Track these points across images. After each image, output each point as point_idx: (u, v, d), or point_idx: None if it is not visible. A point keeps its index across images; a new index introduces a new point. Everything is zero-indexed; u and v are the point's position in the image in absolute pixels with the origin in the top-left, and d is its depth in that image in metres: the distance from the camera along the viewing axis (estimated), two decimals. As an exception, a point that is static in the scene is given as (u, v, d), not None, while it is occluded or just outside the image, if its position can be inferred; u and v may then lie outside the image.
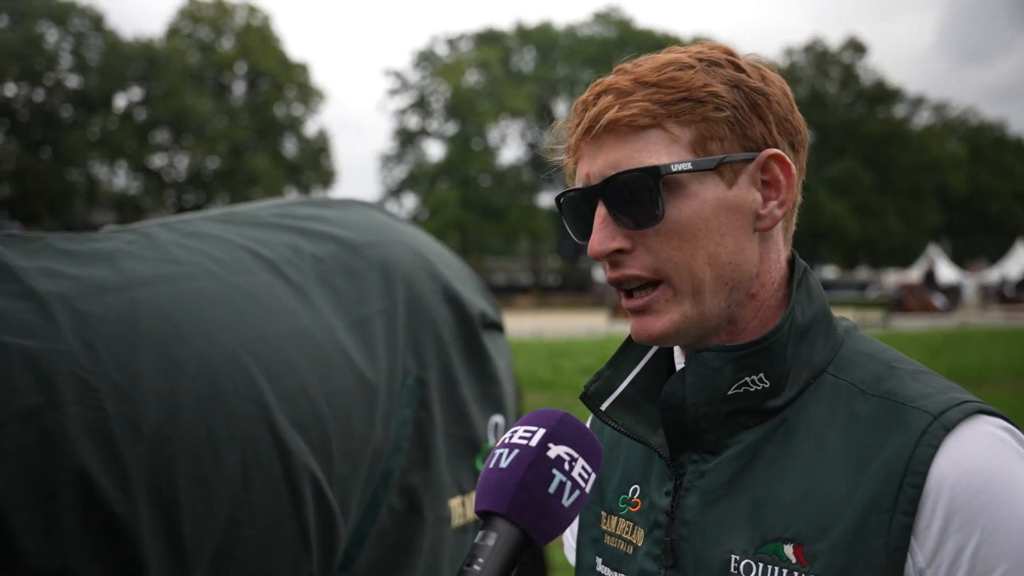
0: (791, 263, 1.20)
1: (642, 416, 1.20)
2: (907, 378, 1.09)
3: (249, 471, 1.85)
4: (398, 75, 58.44)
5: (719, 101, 1.09)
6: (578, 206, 1.16)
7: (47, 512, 1.58)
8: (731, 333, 1.15)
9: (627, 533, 1.22)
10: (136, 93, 50.46)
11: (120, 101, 50.49)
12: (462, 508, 2.34)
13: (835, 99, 64.25)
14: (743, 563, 1.07)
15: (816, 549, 1.02)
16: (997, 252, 60.03)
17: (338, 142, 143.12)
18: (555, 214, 61.55)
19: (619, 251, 1.12)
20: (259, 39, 52.11)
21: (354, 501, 2.08)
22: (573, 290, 61.26)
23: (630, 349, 1.25)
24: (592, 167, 1.12)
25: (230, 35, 52.61)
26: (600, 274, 65.98)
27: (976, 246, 65.96)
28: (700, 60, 1.12)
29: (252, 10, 53.49)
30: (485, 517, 0.96)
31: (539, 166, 60.08)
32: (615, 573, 1.23)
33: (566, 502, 0.96)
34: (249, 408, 1.88)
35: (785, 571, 1.04)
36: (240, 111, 52.05)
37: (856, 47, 64.56)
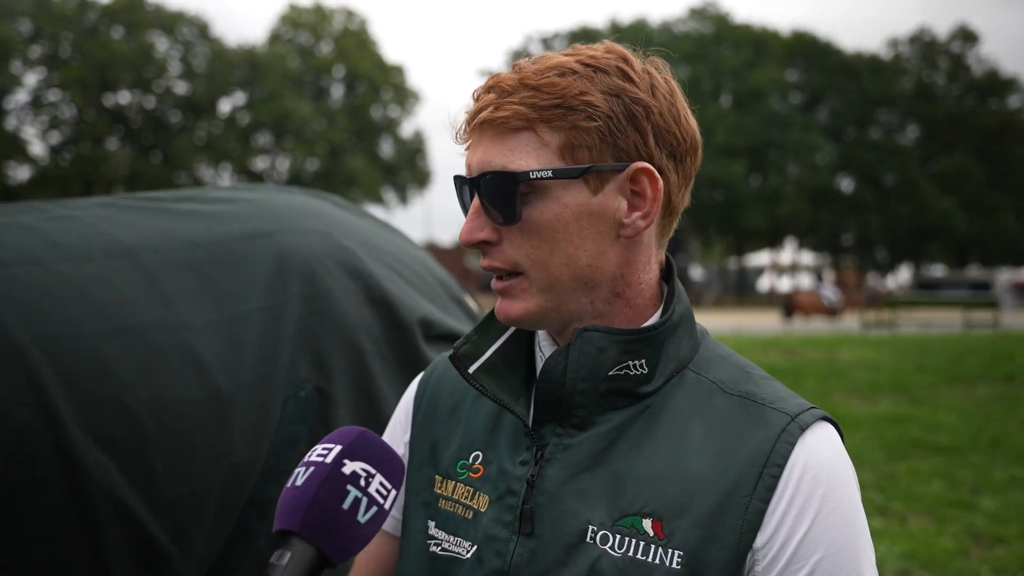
0: (665, 264, 1.26)
1: (504, 383, 1.23)
2: (762, 382, 1.19)
3: (17, 490, 1.58)
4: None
5: (592, 111, 1.12)
6: (461, 190, 1.21)
7: None
8: (598, 322, 1.19)
9: (466, 498, 1.24)
10: (240, 98, 52.11)
11: (224, 106, 52.23)
12: None
13: (943, 91, 61.96)
14: (600, 533, 1.11)
15: (674, 525, 1.09)
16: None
17: (434, 143, 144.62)
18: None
19: (486, 242, 1.17)
20: (356, 42, 53.16)
21: (201, 530, 1.78)
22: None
23: (495, 320, 1.28)
24: (472, 158, 1.17)
25: (328, 39, 53.83)
26: (696, 273, 65.19)
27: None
28: (587, 66, 1.14)
29: (350, 14, 54.62)
30: (281, 536, 0.94)
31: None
32: (452, 536, 1.23)
33: (362, 518, 0.96)
34: (26, 415, 1.59)
35: (643, 543, 1.10)
36: (338, 114, 53.22)
37: (966, 36, 62.14)
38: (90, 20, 49.11)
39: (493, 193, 1.14)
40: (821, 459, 1.10)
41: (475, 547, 1.19)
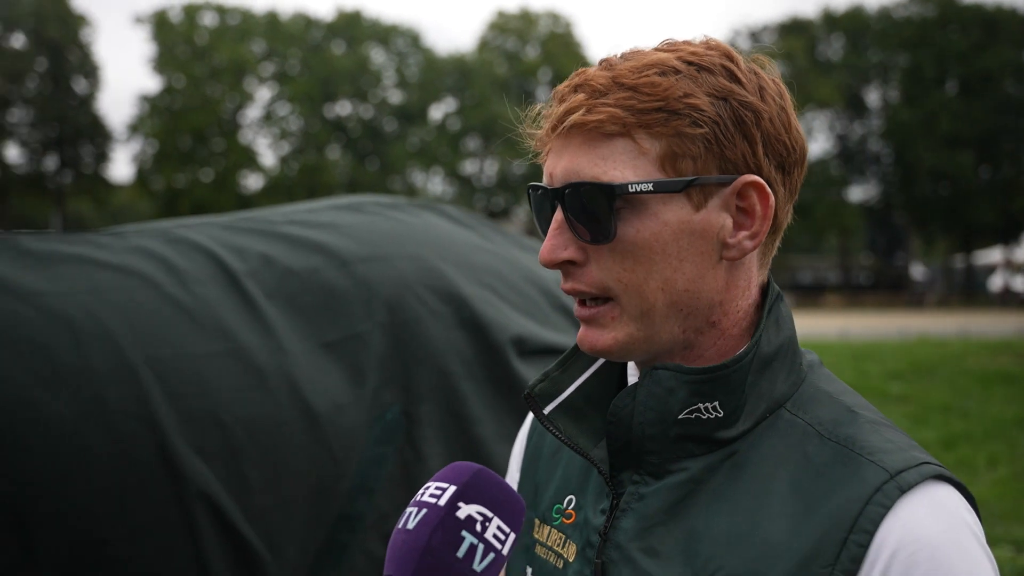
0: (764, 289, 1.10)
1: (585, 425, 1.12)
2: (868, 427, 1.01)
3: (126, 488, 1.75)
4: (698, 72, 57.68)
5: (698, 115, 0.99)
6: (541, 203, 1.08)
7: None
8: (686, 358, 1.07)
9: (558, 546, 1.14)
10: (450, 104, 53.96)
11: (436, 113, 54.26)
12: None
13: None
14: None
15: None
16: None
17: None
18: (867, 209, 58.53)
19: (571, 262, 1.04)
20: (562, 45, 53.73)
21: (292, 538, 1.91)
22: (887, 289, 57.33)
23: (581, 352, 1.16)
24: (556, 167, 1.04)
25: (535, 43, 54.72)
26: (917, 272, 61.31)
27: None
28: (689, 64, 1.01)
29: (555, 18, 55.28)
30: None
31: (849, 158, 56.99)
32: None
33: (478, 567, 0.89)
34: (134, 425, 1.77)
35: None
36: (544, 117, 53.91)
37: None
38: (315, 37, 52.46)
39: (581, 207, 1.01)
40: (923, 532, 0.91)
41: None
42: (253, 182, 52.10)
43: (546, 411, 1.13)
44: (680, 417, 1.02)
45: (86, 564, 1.72)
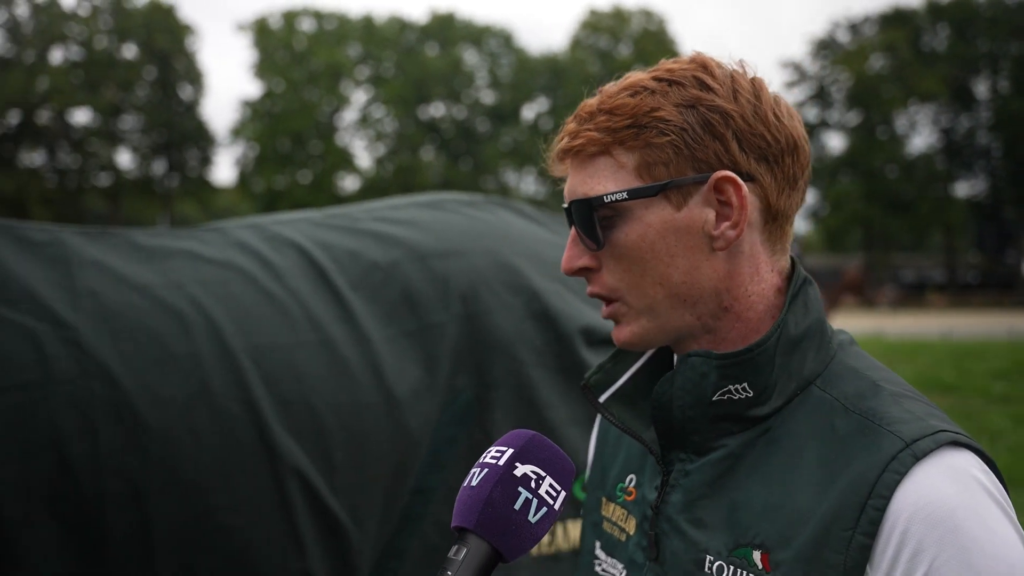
0: (789, 273, 1.18)
1: (637, 411, 1.23)
2: (889, 399, 1.08)
3: (230, 464, 1.94)
4: (796, 66, 56.57)
5: (663, 125, 1.10)
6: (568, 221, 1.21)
7: (22, 472, 1.79)
8: (712, 342, 1.16)
9: (621, 521, 1.26)
10: (542, 104, 54.11)
11: (528, 113, 54.47)
12: (549, 536, 2.18)
13: None
14: (716, 564, 1.09)
15: (779, 558, 1.04)
16: None
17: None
18: (973, 204, 56.30)
19: (587, 269, 1.17)
20: (655, 42, 53.30)
21: (373, 512, 2.07)
22: (996, 287, 54.97)
23: None
24: (566, 188, 1.18)
25: (628, 41, 54.43)
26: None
27: None
28: (661, 81, 1.13)
29: (648, 15, 54.90)
30: (459, 532, 1.01)
31: (954, 153, 54.91)
32: (609, 558, 1.27)
33: (532, 518, 1.00)
34: (237, 408, 1.97)
35: (750, 575, 1.06)
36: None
37: None
38: (409, 40, 53.29)
39: (580, 221, 1.14)
40: (938, 495, 0.96)
41: (624, 570, 1.23)
42: (349, 183, 53.27)
43: (601, 400, 1.25)
44: (714, 399, 1.11)
45: (198, 531, 1.91)
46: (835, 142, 56.34)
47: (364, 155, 54.67)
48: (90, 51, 47.64)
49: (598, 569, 1.29)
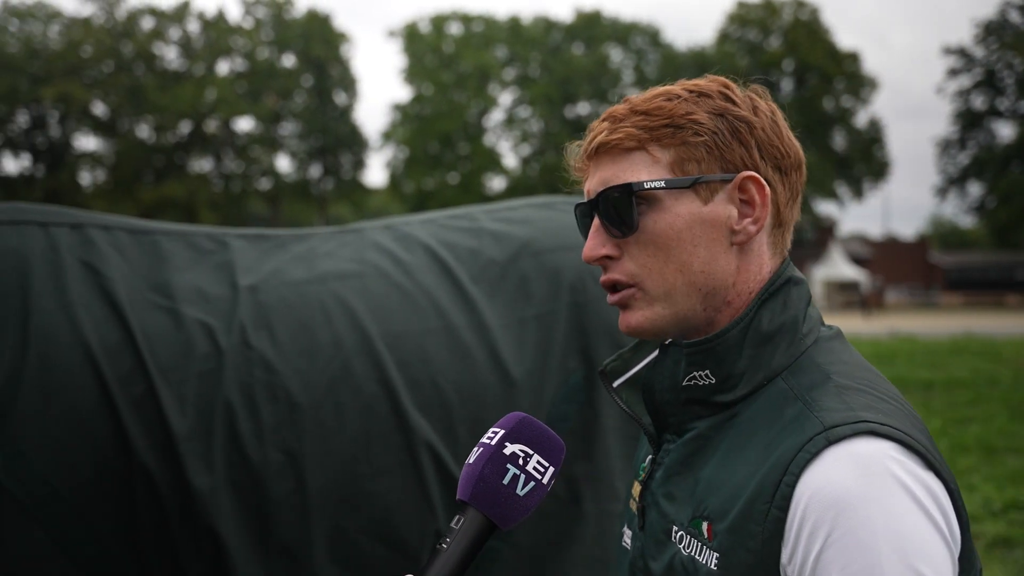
0: (777, 274, 1.27)
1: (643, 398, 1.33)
2: (832, 390, 1.15)
3: (371, 437, 2.20)
4: (962, 52, 53.50)
5: (698, 127, 1.22)
6: (582, 216, 1.33)
7: (208, 446, 2.08)
8: (707, 333, 1.25)
9: (636, 496, 1.38)
10: (689, 100, 53.13)
11: (675, 109, 53.60)
12: None
13: None
14: (679, 533, 1.21)
15: (718, 528, 1.14)
16: None
17: (892, 131, 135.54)
18: None
19: (608, 257, 1.26)
20: (806, 33, 51.63)
21: None
22: None
23: None
24: (591, 183, 1.28)
25: (778, 33, 52.92)
26: None
27: None
28: (691, 92, 1.25)
29: (800, 5, 53.19)
30: (459, 505, 1.13)
31: None
32: (627, 529, 1.39)
33: (520, 491, 1.11)
34: (375, 388, 2.23)
35: (699, 544, 1.17)
36: (787, 107, 51.96)
37: None
38: (555, 40, 53.53)
39: (611, 208, 1.23)
40: (837, 477, 1.03)
41: (630, 539, 1.37)
42: (497, 183, 53.95)
43: (615, 385, 1.38)
44: (684, 384, 1.23)
45: (346, 496, 2.18)
46: (1005, 131, 52.86)
47: (511, 155, 55.21)
48: (253, 62, 50.15)
49: (624, 540, 1.42)
